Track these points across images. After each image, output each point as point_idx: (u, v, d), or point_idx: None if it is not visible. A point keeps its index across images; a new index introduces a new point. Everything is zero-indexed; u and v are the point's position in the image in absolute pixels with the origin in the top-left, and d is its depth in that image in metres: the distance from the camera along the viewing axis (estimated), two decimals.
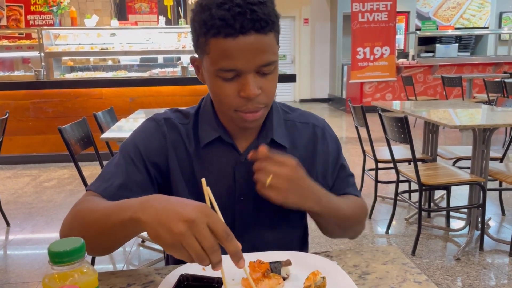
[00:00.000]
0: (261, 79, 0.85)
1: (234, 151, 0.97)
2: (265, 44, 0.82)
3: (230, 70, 0.83)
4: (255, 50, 0.81)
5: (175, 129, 0.98)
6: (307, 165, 1.00)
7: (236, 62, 0.81)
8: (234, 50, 0.80)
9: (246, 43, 0.80)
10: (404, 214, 3.36)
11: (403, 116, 2.53)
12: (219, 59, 0.82)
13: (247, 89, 0.83)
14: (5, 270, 2.64)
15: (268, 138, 0.97)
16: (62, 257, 0.56)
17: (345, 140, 6.29)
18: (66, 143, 2.31)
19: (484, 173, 2.77)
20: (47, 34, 5.53)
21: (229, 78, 0.84)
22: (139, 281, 0.83)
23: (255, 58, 0.82)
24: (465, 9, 10.79)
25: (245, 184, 0.97)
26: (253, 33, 0.80)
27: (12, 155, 5.00)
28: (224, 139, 0.96)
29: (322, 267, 0.82)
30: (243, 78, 0.84)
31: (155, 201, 0.71)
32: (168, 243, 0.66)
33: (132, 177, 0.93)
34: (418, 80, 8.53)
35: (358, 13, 7.94)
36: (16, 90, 5.01)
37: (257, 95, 0.85)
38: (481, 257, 2.64)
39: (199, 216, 0.65)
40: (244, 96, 0.84)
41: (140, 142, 0.97)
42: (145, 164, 0.95)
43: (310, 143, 1.03)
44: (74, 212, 0.87)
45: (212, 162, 0.97)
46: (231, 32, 0.79)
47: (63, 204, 3.75)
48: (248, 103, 0.86)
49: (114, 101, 4.88)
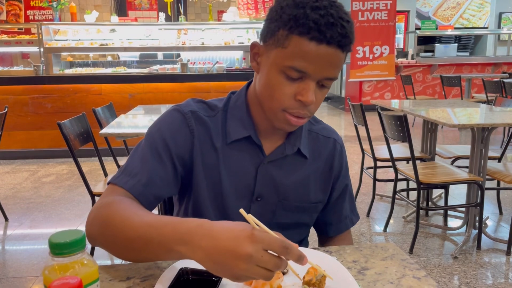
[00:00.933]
0: (318, 90, 0.87)
1: (259, 152, 0.97)
2: (339, 60, 0.83)
3: (300, 71, 0.83)
4: (330, 63, 0.82)
5: (202, 123, 0.96)
6: (324, 178, 1.05)
7: (309, 66, 0.82)
8: (313, 54, 0.81)
9: (326, 53, 0.81)
10: (402, 213, 3.36)
11: (403, 114, 2.54)
12: (295, 57, 0.82)
13: (306, 94, 0.84)
14: (3, 265, 2.64)
15: (295, 147, 0.99)
16: (63, 248, 0.56)
17: (344, 139, 6.30)
18: (66, 138, 2.31)
19: (482, 172, 2.77)
20: (46, 30, 5.52)
21: (293, 78, 0.84)
22: (138, 274, 0.83)
23: (326, 69, 0.83)
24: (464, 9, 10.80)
25: (264, 186, 0.99)
26: (335, 46, 0.81)
27: (10, 150, 5.00)
28: (254, 139, 0.96)
29: (322, 262, 0.83)
30: (305, 83, 0.84)
31: (201, 236, 0.67)
32: (233, 278, 0.65)
33: (159, 172, 0.92)
34: (417, 79, 8.54)
35: (358, 11, 7.94)
36: (15, 85, 5.00)
37: (313, 103, 0.86)
38: (479, 256, 2.65)
39: (254, 248, 0.62)
40: (301, 100, 0.85)
41: (168, 135, 0.94)
42: (172, 158, 0.93)
43: (329, 158, 1.05)
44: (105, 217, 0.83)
45: (237, 160, 0.97)
46: (319, 38, 0.80)
47: (62, 199, 3.75)
48: (300, 108, 0.86)
49: (113, 97, 4.88)
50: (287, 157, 0.99)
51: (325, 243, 1.15)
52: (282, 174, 0.99)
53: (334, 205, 1.10)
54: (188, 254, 0.68)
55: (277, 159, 0.98)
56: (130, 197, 0.89)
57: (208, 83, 5.14)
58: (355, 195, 3.61)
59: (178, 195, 1.05)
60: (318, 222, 1.12)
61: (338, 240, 1.13)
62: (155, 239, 0.73)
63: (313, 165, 1.03)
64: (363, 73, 8.15)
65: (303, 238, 1.12)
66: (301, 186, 1.02)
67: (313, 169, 1.03)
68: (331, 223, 1.11)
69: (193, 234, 0.68)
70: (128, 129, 2.70)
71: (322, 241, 1.17)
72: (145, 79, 5.13)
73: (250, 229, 0.65)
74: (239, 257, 0.62)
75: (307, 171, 1.02)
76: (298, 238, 1.09)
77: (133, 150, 0.97)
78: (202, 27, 6.04)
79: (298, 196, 1.02)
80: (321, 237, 1.17)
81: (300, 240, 1.11)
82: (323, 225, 1.13)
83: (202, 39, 5.81)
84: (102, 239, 0.84)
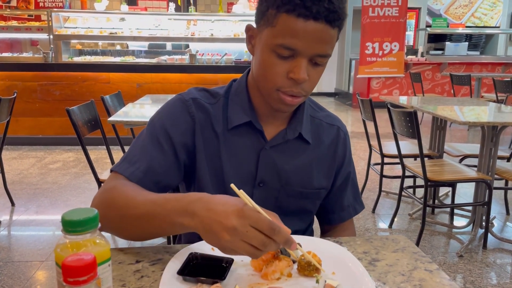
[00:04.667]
0: (311, 67, 0.86)
1: (260, 138, 0.97)
2: (329, 36, 0.83)
3: (290, 48, 0.83)
4: (319, 38, 0.82)
5: (203, 109, 0.98)
6: (327, 164, 1.05)
7: (298, 43, 0.82)
8: (301, 31, 0.81)
9: (314, 29, 0.81)
10: (407, 210, 3.35)
11: (413, 111, 2.52)
12: (284, 35, 0.82)
13: (297, 71, 0.84)
14: (9, 249, 2.66)
15: (297, 132, 0.99)
16: (76, 226, 0.55)
17: (351, 135, 6.27)
18: (74, 124, 2.31)
19: (491, 171, 2.75)
20: (56, 17, 5.52)
21: (284, 56, 0.84)
22: (147, 258, 0.83)
23: (316, 46, 0.83)
24: (476, 8, 10.68)
25: (267, 171, 0.98)
26: (323, 22, 0.81)
27: (18, 136, 5.02)
28: (254, 124, 0.96)
29: (332, 252, 0.82)
30: (297, 60, 0.84)
31: (199, 208, 0.72)
32: (221, 249, 0.70)
33: (158, 160, 0.93)
34: (426, 77, 8.47)
35: (369, 7, 7.87)
36: (24, 72, 5.01)
37: (305, 80, 0.85)
38: (484, 255, 2.63)
39: (240, 222, 0.67)
40: (292, 78, 0.85)
41: (168, 123, 0.96)
42: (173, 145, 0.95)
43: (332, 145, 1.05)
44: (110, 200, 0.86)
45: (238, 145, 0.97)
46: (305, 14, 0.80)
47: (68, 186, 3.77)
48: (293, 86, 0.87)
49: (121, 86, 4.87)
50: (288, 142, 0.99)
51: (327, 233, 1.13)
52: (284, 159, 0.99)
53: (336, 192, 1.09)
54: (189, 223, 0.73)
55: (279, 144, 0.98)
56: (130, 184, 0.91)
57: (216, 75, 5.13)
58: (361, 191, 3.59)
59: (184, 184, 1.05)
60: (321, 210, 1.11)
61: (340, 229, 1.11)
62: (159, 214, 0.77)
63: (316, 151, 1.02)
64: (372, 70, 8.10)
65: (308, 226, 1.11)
66: (303, 172, 1.01)
67: (316, 155, 1.02)
68: (334, 211, 1.10)
69: (194, 206, 0.73)
70: (135, 118, 2.70)
71: (324, 230, 1.15)
72: (154, 69, 5.12)
73: (241, 205, 0.69)
74: (225, 228, 0.67)
75: (309, 157, 1.01)
76: (301, 225, 1.08)
77: (135, 138, 0.98)
78: (211, 18, 6.02)
79: (301, 181, 1.01)
80: (324, 226, 1.15)
81: (305, 228, 1.09)
82: (326, 213, 1.11)
83: (211, 30, 5.79)
84: (108, 222, 0.84)
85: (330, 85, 10.92)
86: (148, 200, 0.81)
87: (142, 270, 0.78)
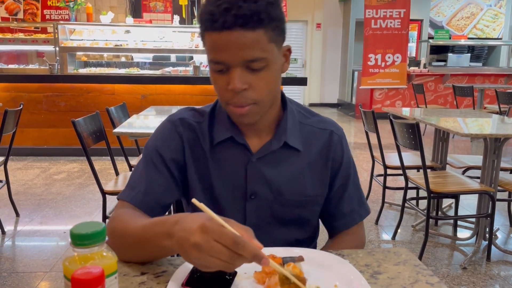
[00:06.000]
0: (250, 74, 0.87)
1: (246, 151, 0.99)
2: (250, 40, 0.83)
3: (218, 62, 0.86)
4: (239, 45, 0.83)
5: (190, 128, 1.01)
6: (321, 170, 1.04)
7: (221, 55, 0.85)
8: (219, 43, 0.84)
9: (230, 38, 0.82)
10: (410, 221, 3.34)
11: (415, 122, 2.53)
12: (210, 51, 0.86)
13: (232, 82, 0.86)
14: (13, 260, 2.67)
15: (281, 141, 0.99)
16: (84, 239, 0.57)
17: (354, 146, 6.28)
18: (79, 135, 2.34)
19: (494, 183, 2.75)
20: (62, 29, 5.59)
21: (219, 70, 0.88)
22: (152, 271, 0.84)
23: (239, 53, 0.84)
24: (478, 20, 10.73)
25: (256, 183, 1.00)
26: (238, 28, 0.82)
27: (23, 146, 5.05)
28: (236, 139, 0.98)
29: (334, 265, 0.83)
30: (230, 71, 0.86)
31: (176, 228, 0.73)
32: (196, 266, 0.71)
33: (156, 180, 0.98)
34: (428, 88, 8.49)
35: (371, 19, 7.94)
36: (30, 83, 5.06)
37: (241, 89, 0.86)
38: (488, 268, 2.62)
39: (203, 237, 0.67)
40: (230, 89, 0.87)
41: (158, 144, 1.01)
42: (166, 163, 0.99)
43: (325, 149, 1.04)
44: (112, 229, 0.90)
45: (225, 161, 1.00)
46: (216, 27, 0.83)
47: (72, 196, 3.79)
48: (235, 97, 0.88)
49: (126, 98, 4.92)
50: (276, 152, 0.99)
51: (335, 240, 1.10)
52: (273, 169, 1.00)
53: (337, 198, 1.07)
54: (170, 245, 0.75)
55: (266, 155, 0.99)
56: (134, 208, 0.96)
57: None
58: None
59: (185, 199, 1.09)
60: (324, 217, 1.10)
61: (347, 235, 1.08)
62: (148, 240, 0.81)
63: (308, 158, 1.02)
64: (375, 81, 8.14)
65: (309, 237, 1.09)
66: (295, 180, 1.01)
67: (307, 162, 1.02)
68: (337, 217, 1.08)
69: (173, 228, 0.74)
70: (140, 129, 2.72)
71: (332, 237, 1.12)
72: (158, 80, 5.17)
73: (205, 220, 0.69)
74: (191, 245, 0.68)
75: (301, 164, 1.01)
76: (301, 234, 1.07)
77: (135, 166, 1.04)
78: None
79: (293, 190, 1.01)
80: (330, 234, 1.12)
81: (306, 236, 1.08)
82: (330, 221, 1.10)
83: None
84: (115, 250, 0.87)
85: (333, 96, 10.96)
86: (139, 226, 0.84)
87: (147, 282, 0.80)
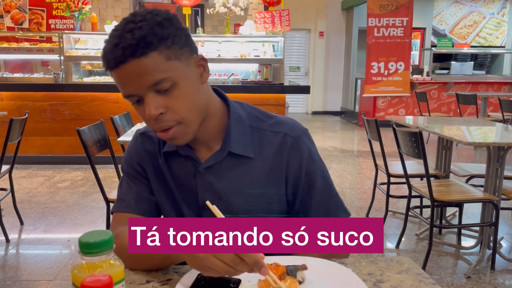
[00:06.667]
0: (164, 97, 0.86)
1: (194, 162, 1.00)
2: (146, 66, 0.83)
3: (128, 96, 0.87)
4: (137, 74, 0.83)
5: (149, 141, 1.06)
6: (275, 174, 1.00)
7: (127, 88, 0.86)
8: (121, 78, 0.85)
9: (127, 70, 0.83)
10: (414, 230, 3.34)
11: (418, 131, 2.54)
12: (119, 87, 0.88)
13: (147, 109, 0.86)
14: (17, 268, 2.68)
15: (225, 151, 0.98)
16: (92, 248, 0.58)
17: (357, 154, 6.28)
18: (84, 144, 2.35)
19: (498, 192, 2.75)
20: (67, 38, 5.65)
21: (136, 101, 0.88)
22: (157, 279, 0.85)
23: (141, 81, 0.84)
24: (481, 28, 10.75)
25: (207, 193, 1.00)
26: (130, 59, 0.82)
27: (28, 155, 5.08)
28: (180, 152, 1.00)
29: (337, 273, 0.84)
30: (143, 101, 0.87)
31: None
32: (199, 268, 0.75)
33: (141, 187, 1.04)
34: (432, 96, 8.50)
35: (374, 28, 7.98)
36: (35, 92, 5.11)
37: (157, 114, 0.86)
38: (492, 277, 2.61)
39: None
40: (148, 117, 0.87)
41: (128, 157, 1.07)
42: (139, 173, 1.05)
43: (278, 153, 1.00)
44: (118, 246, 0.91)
45: (177, 171, 1.03)
46: (111, 65, 0.84)
47: (76, 205, 3.80)
48: (157, 123, 0.88)
49: (129, 106, 4.86)
50: (223, 162, 0.98)
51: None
52: (222, 179, 0.99)
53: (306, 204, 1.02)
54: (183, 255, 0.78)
55: (214, 165, 0.99)
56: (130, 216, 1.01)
57: None
58: (368, 210, 3.59)
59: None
60: None
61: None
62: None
63: (260, 163, 0.99)
64: (378, 89, 8.15)
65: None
66: (246, 188, 0.99)
67: (260, 168, 0.99)
68: None
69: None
70: None
71: None
72: None
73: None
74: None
75: (253, 171, 0.99)
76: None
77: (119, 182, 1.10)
78: (218, 39, 6.13)
79: (244, 200, 1.00)
80: None
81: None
82: None
83: (219, 51, 5.89)
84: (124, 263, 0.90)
85: (336, 104, 10.98)
86: None
87: None
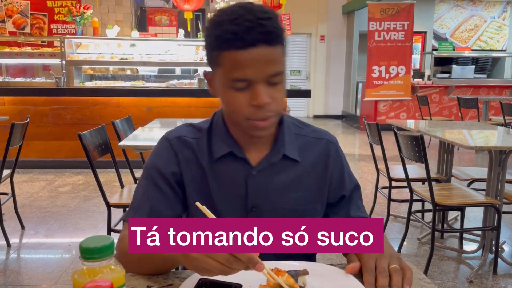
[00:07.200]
0: (271, 89, 0.90)
1: (246, 165, 1.01)
2: (274, 55, 0.87)
3: (243, 80, 0.88)
4: (265, 61, 0.86)
5: (187, 145, 1.03)
6: (319, 179, 1.05)
7: (247, 72, 0.86)
8: (245, 61, 0.86)
9: (256, 55, 0.85)
10: (416, 234, 3.33)
11: (419, 135, 2.53)
12: (233, 70, 0.87)
13: (258, 98, 0.88)
14: (18, 272, 2.67)
15: (280, 154, 1.01)
16: (93, 253, 0.58)
17: (358, 158, 6.27)
18: (85, 149, 2.36)
19: (500, 196, 2.74)
20: (69, 43, 5.67)
21: (241, 88, 0.89)
22: (158, 284, 0.85)
23: (265, 68, 0.87)
24: (482, 32, 10.76)
25: (257, 196, 1.01)
26: (263, 45, 0.85)
27: (29, 159, 5.08)
28: (236, 153, 1.00)
29: (338, 278, 0.84)
30: (254, 88, 0.88)
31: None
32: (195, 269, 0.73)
33: (158, 198, 1.00)
34: (433, 100, 8.50)
35: (375, 32, 7.99)
36: (37, 96, 5.12)
37: (268, 103, 0.89)
38: (495, 281, 2.60)
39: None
40: (256, 105, 0.89)
41: (156, 160, 1.03)
42: (166, 180, 1.01)
43: (322, 158, 1.06)
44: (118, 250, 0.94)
45: (225, 175, 1.02)
46: (242, 45, 0.85)
47: (77, 209, 3.80)
48: (259, 112, 0.90)
49: (131, 110, 4.96)
50: (275, 164, 1.02)
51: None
52: (273, 181, 1.02)
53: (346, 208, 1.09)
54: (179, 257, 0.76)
55: (265, 168, 1.01)
56: None
57: None
58: (369, 215, 3.57)
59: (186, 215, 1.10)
60: None
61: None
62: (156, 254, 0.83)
63: (305, 167, 1.04)
64: (379, 93, 8.16)
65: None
66: (294, 190, 1.03)
67: (306, 171, 1.04)
68: None
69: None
70: (145, 142, 2.74)
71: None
72: (163, 93, 5.21)
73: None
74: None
75: (300, 174, 1.03)
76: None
77: (136, 185, 1.05)
78: None
79: (293, 200, 1.03)
80: None
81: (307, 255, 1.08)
82: None
83: None
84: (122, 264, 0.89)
85: (337, 108, 10.98)
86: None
87: None
